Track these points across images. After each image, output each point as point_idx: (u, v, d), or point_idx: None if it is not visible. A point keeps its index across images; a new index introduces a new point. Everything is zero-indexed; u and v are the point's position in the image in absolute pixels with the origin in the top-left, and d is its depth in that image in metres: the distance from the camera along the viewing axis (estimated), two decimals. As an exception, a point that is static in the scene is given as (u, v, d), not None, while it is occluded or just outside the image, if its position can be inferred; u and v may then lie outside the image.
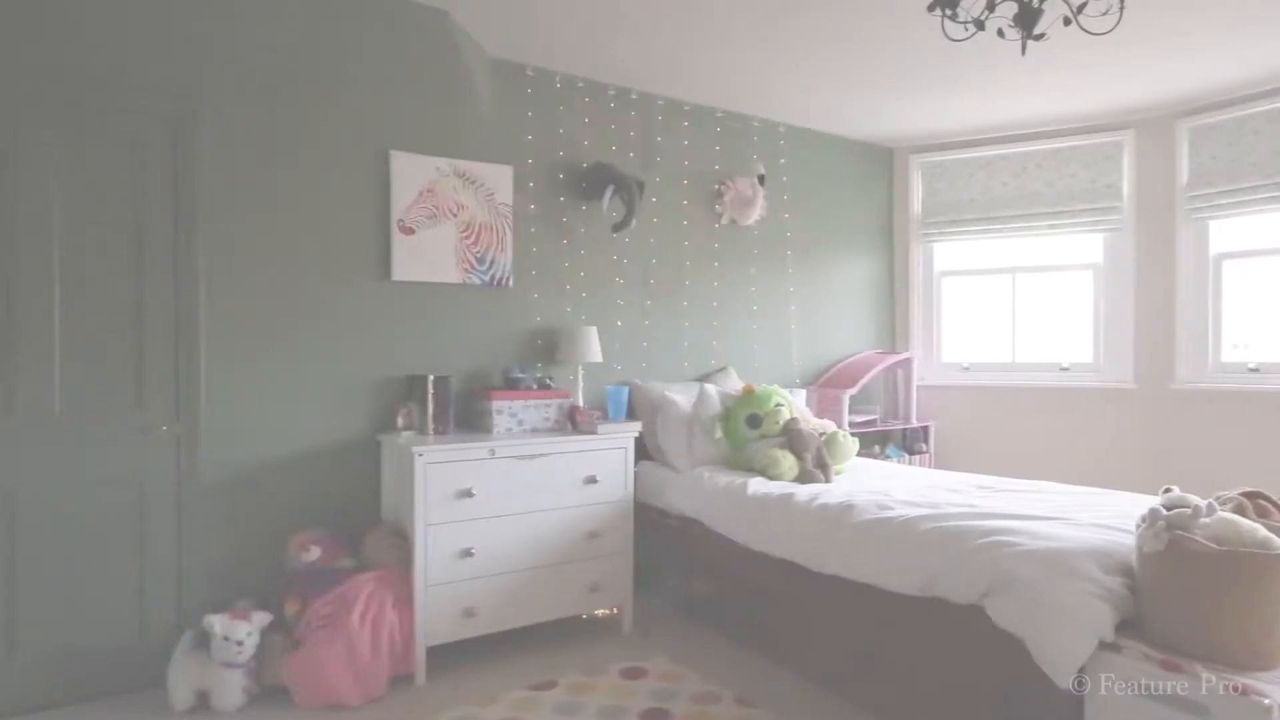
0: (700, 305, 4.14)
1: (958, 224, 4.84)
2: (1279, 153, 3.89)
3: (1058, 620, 1.90)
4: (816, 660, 2.80)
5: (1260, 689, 1.68)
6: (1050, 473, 4.50)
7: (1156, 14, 3.08)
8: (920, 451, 4.74)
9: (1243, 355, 4.16)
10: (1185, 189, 4.24)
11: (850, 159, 4.84)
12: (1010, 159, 4.71)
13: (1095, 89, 3.97)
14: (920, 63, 3.59)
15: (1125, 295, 4.46)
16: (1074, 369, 4.66)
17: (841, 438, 3.38)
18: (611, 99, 3.83)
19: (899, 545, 2.36)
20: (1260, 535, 1.81)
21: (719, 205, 4.19)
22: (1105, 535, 2.18)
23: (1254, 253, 4.11)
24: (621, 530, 3.27)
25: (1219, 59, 3.57)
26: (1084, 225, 4.53)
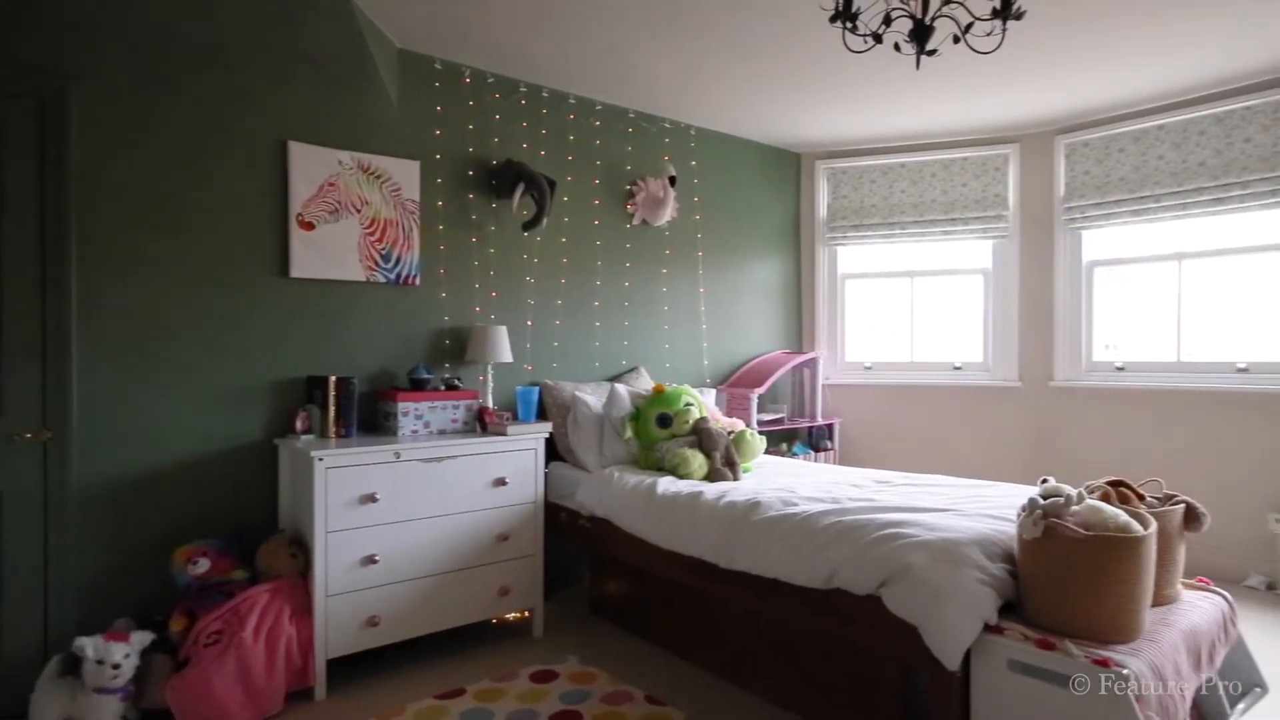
0: (612, 305, 4.15)
1: (860, 228, 5.03)
2: (1139, 170, 4.24)
3: (946, 606, 2.00)
4: (726, 655, 2.86)
5: (1120, 660, 1.82)
6: (945, 466, 4.77)
7: (1034, 40, 3.30)
8: (826, 448, 4.90)
9: (1111, 355, 4.50)
10: (1062, 201, 4.55)
11: (759, 163, 4.96)
12: (909, 167, 4.93)
13: (984, 105, 4.20)
14: (825, 73, 3.71)
15: (1011, 299, 4.75)
16: (966, 368, 4.92)
17: (749, 436, 3.45)
18: (522, 96, 3.79)
19: (803, 540, 2.43)
20: (1122, 520, 1.96)
21: (631, 206, 4.21)
22: (991, 525, 2.31)
23: (1121, 261, 4.45)
24: (532, 532, 3.23)
25: (1089, 84, 3.85)
26: (975, 232, 4.79)
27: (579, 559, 3.97)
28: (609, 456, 3.51)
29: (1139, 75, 3.77)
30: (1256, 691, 2.37)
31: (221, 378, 2.92)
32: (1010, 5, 2.02)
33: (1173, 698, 1.91)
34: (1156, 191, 4.17)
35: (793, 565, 2.42)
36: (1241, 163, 3.90)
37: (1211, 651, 2.18)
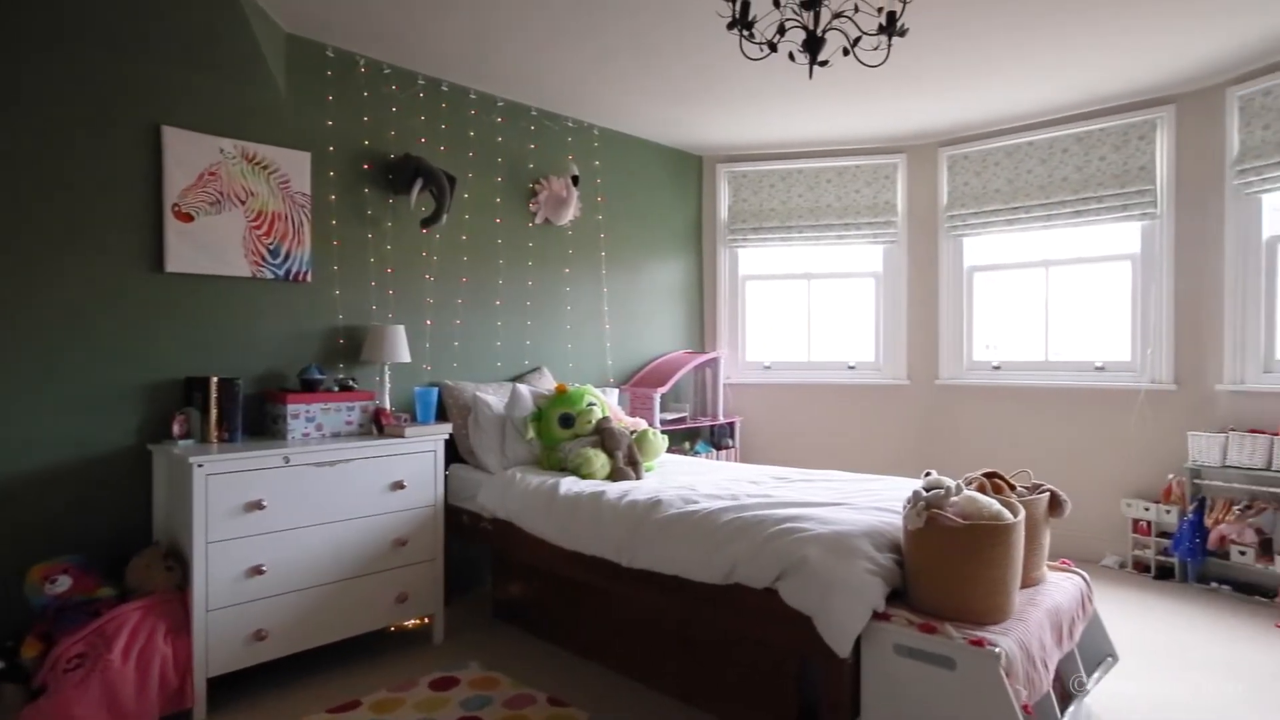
0: (514, 304, 4.10)
1: (760, 231, 5.17)
2: (1012, 183, 4.55)
3: (838, 596, 2.09)
4: (630, 653, 2.88)
5: (993, 639, 1.95)
6: (840, 461, 4.97)
7: (919, 57, 3.48)
8: (727, 447, 5.02)
9: (990, 355, 4.81)
10: (945, 209, 4.83)
11: (662, 164, 5.01)
12: (805, 173, 5.11)
13: (875, 116, 4.41)
14: (725, 78, 3.79)
15: (900, 301, 5.00)
16: (859, 367, 5.15)
17: (652, 435, 3.49)
18: (421, 89, 3.68)
19: (703, 537, 2.48)
20: (995, 509, 2.10)
21: (533, 204, 4.17)
22: (880, 517, 2.43)
23: (998, 266, 4.76)
24: (431, 536, 3.16)
25: (968, 101, 4.10)
26: (866, 237, 5.01)
27: (481, 562, 3.90)
28: (511, 457, 3.47)
29: (1011, 96, 4.05)
30: (1109, 661, 2.59)
31: (88, 379, 2.70)
32: (894, 23, 2.13)
33: (1038, 671, 2.07)
34: (1027, 203, 4.49)
35: (694, 562, 2.47)
36: (1097, 179, 4.25)
37: (1071, 627, 2.37)
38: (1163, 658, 2.95)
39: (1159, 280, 4.11)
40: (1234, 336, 3.84)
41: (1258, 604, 3.56)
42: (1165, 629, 3.25)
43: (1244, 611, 3.46)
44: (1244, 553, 3.58)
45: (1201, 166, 3.95)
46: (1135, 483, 4.18)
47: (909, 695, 2.07)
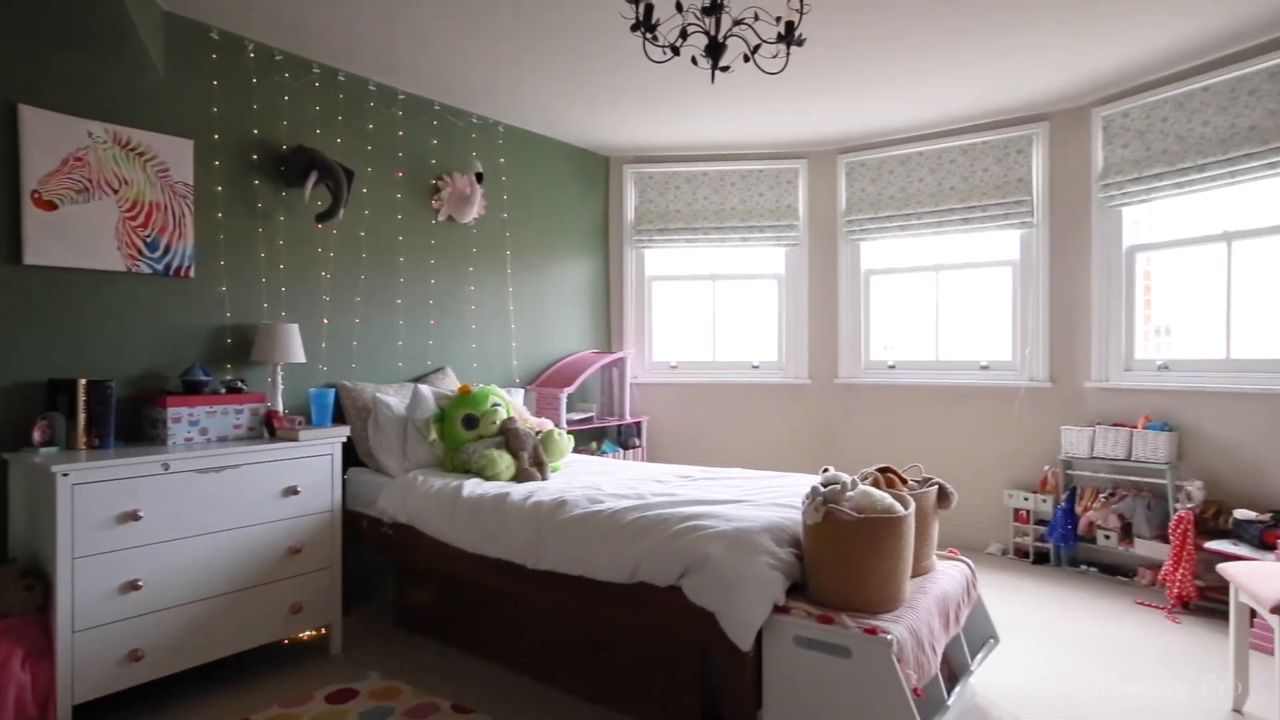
0: (416, 303, 3.99)
1: (666, 232, 5.22)
2: (905, 190, 4.77)
3: (740, 591, 2.13)
4: (536, 655, 2.85)
5: (885, 627, 2.04)
6: (744, 459, 5.08)
7: (817, 67, 3.60)
8: (634, 446, 5.04)
9: (886, 355, 5.03)
10: (844, 214, 5.01)
11: (569, 164, 4.99)
12: (711, 175, 5.20)
13: (777, 122, 4.53)
14: (632, 79, 3.81)
15: (801, 303, 5.15)
16: (763, 367, 5.28)
17: (557, 436, 3.47)
18: (316, 78, 3.53)
19: (608, 536, 2.48)
20: (888, 502, 2.20)
21: (436, 201, 4.07)
22: (780, 513, 2.49)
23: (893, 270, 4.98)
24: (328, 543, 3.03)
25: (863, 111, 4.27)
26: (769, 240, 5.14)
27: (382, 568, 3.77)
28: (413, 460, 3.37)
29: (903, 108, 4.25)
30: (991, 642, 2.75)
31: (-70, 382, 2.45)
32: (792, 32, 2.19)
33: (927, 655, 2.17)
34: (919, 210, 4.71)
35: (599, 561, 2.47)
36: (981, 189, 4.52)
37: (958, 612, 2.50)
38: (1038, 637, 3.16)
39: (1036, 285, 4.40)
40: (1100, 338, 4.16)
41: (1120, 583, 3.86)
42: (1041, 610, 3.48)
43: (1109, 591, 3.75)
44: (1108, 537, 3.89)
45: (1071, 180, 4.26)
46: (1016, 474, 4.46)
47: (808, 684, 2.13)
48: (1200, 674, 2.78)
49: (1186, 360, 3.85)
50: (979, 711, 2.51)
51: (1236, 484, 3.60)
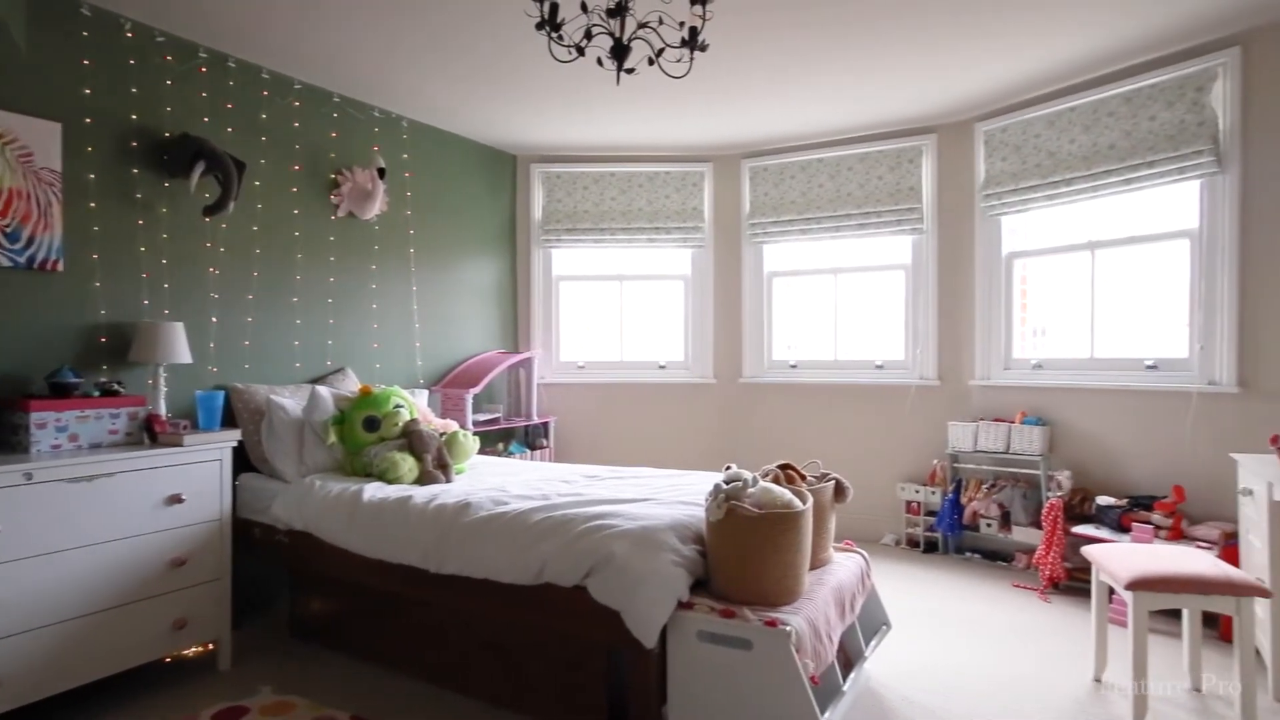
0: (314, 302, 3.83)
1: (574, 232, 5.22)
2: (806, 195, 4.94)
3: (645, 589, 2.16)
4: (440, 662, 2.79)
5: (784, 619, 2.11)
6: (651, 458, 5.13)
7: (722, 72, 3.69)
8: (542, 446, 5.01)
9: (788, 354, 5.19)
10: (748, 217, 5.14)
11: (475, 161, 4.91)
12: (618, 176, 5.22)
13: (684, 125, 4.60)
14: (539, 78, 3.78)
15: (707, 303, 5.25)
16: (670, 367, 5.35)
17: (462, 437, 3.41)
18: (203, 63, 3.34)
19: (513, 538, 2.46)
20: (787, 498, 2.27)
21: (335, 196, 3.93)
22: (684, 511, 2.54)
23: (795, 272, 5.15)
24: (216, 554, 2.87)
25: (766, 117, 4.40)
26: (676, 241, 5.22)
27: (277, 578, 3.61)
28: (310, 465, 3.24)
29: (804, 116, 4.40)
30: (884, 629, 2.89)
31: None
32: (696, 37, 2.23)
33: (824, 644, 2.26)
34: (818, 215, 4.89)
35: (504, 563, 2.44)
36: (876, 196, 4.73)
37: (853, 601, 2.62)
38: (927, 621, 3.34)
39: (926, 288, 4.65)
40: (982, 339, 4.43)
41: (1000, 568, 4.13)
42: (929, 596, 3.68)
43: (990, 575, 4.00)
44: (990, 525, 4.15)
45: (957, 189, 4.52)
46: (908, 468, 4.69)
47: (711, 678, 2.18)
48: (1067, 648, 3.01)
49: (1058, 359, 4.16)
50: (873, 695, 2.64)
51: (1100, 473, 3.91)
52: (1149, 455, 3.72)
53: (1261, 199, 3.33)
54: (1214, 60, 3.42)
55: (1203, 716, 2.48)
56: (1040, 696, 2.61)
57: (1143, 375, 3.77)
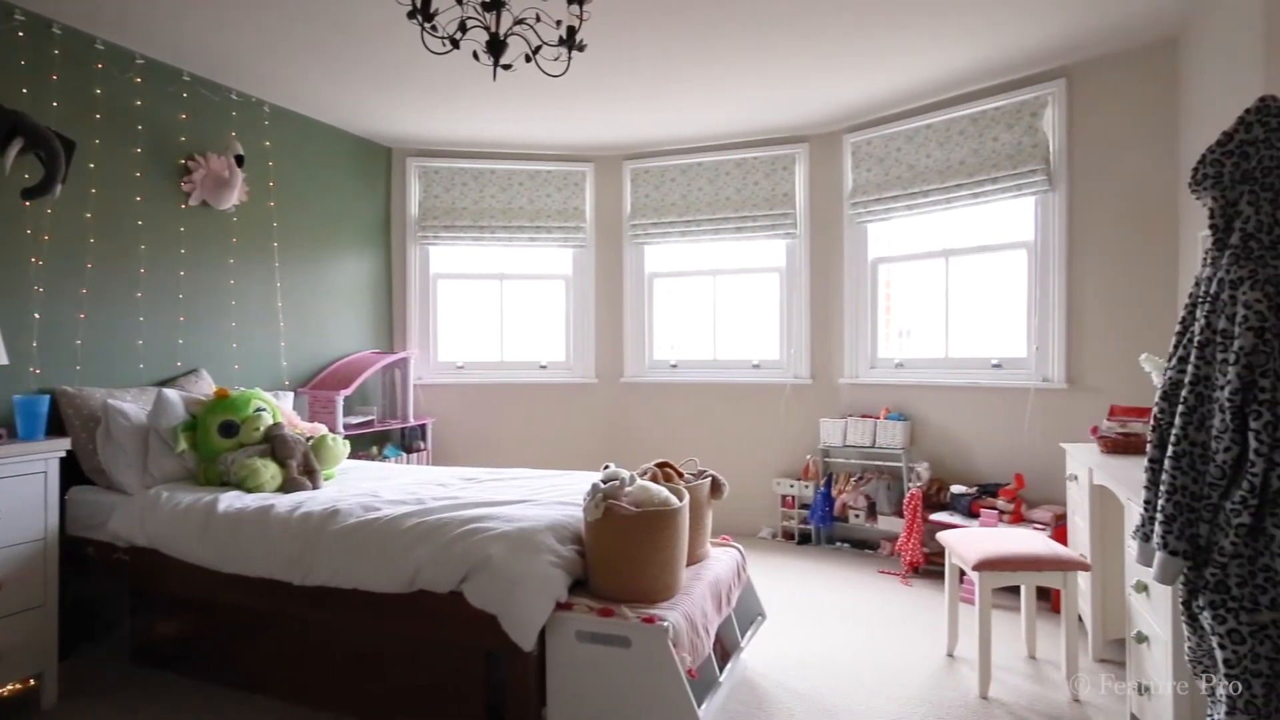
0: (162, 297, 3.53)
1: (452, 229, 5.08)
2: (686, 198, 5.04)
3: (522, 591, 2.13)
4: (307, 679, 2.63)
5: (662, 615, 2.14)
6: (533, 459, 5.07)
7: (602, 72, 3.69)
8: (419, 449, 4.84)
9: (669, 354, 5.27)
10: (629, 218, 5.18)
11: (347, 153, 4.68)
12: (499, 174, 5.13)
13: (566, 125, 4.57)
14: (415, 70, 3.65)
15: (589, 303, 5.25)
16: (551, 367, 5.30)
17: (331, 441, 3.24)
18: (20, 26, 2.99)
19: (384, 545, 2.36)
20: (664, 496, 2.30)
21: (187, 183, 3.63)
22: (563, 511, 2.52)
23: (676, 273, 5.23)
24: (38, 577, 2.58)
25: (648, 119, 4.45)
26: (557, 241, 5.18)
27: (116, 601, 3.29)
28: (156, 475, 2.98)
29: (684, 120, 4.48)
30: (759, 620, 2.99)
31: None
32: (574, 36, 2.22)
33: (701, 638, 2.31)
34: (698, 217, 4.99)
35: (375, 571, 2.34)
36: (753, 200, 4.89)
37: (729, 594, 2.68)
38: (800, 610, 3.47)
39: (799, 291, 4.85)
40: (851, 339, 4.67)
41: (867, 555, 4.37)
42: (803, 586, 3.84)
43: (858, 563, 4.22)
44: (858, 515, 4.37)
45: (827, 197, 4.74)
46: (783, 464, 4.87)
47: (591, 678, 2.18)
48: (925, 627, 3.22)
49: (917, 359, 4.44)
50: (748, 684, 2.71)
51: (953, 464, 4.21)
52: (994, 446, 4.03)
53: (1085, 215, 3.69)
54: (1044, 89, 3.76)
55: (1036, 680, 2.72)
56: (900, 674, 2.77)
57: (989, 373, 4.09)
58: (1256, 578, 1.41)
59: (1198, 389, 1.53)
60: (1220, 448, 1.46)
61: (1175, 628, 1.89)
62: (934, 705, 2.54)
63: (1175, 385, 1.61)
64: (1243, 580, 1.42)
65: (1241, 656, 1.42)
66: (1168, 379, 1.63)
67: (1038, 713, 2.49)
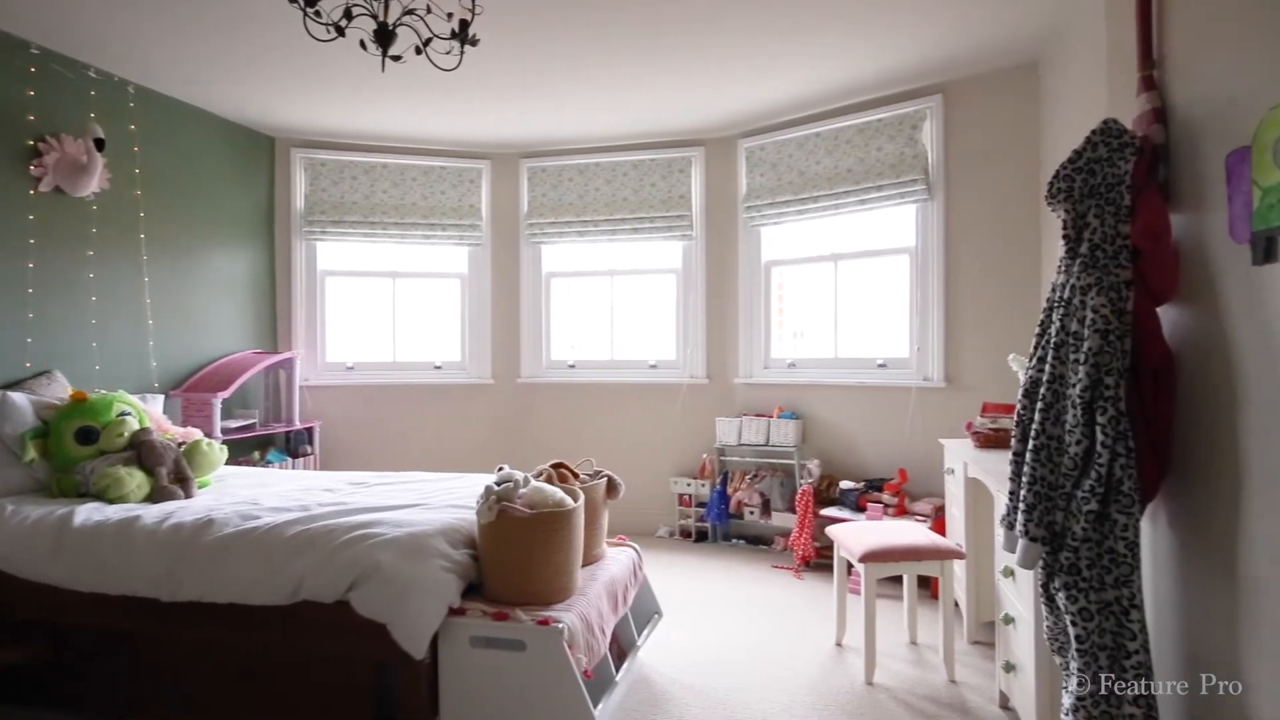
0: (6, 291, 3.21)
1: (341, 225, 4.87)
2: (583, 198, 5.03)
3: (412, 598, 2.07)
4: (180, 703, 2.44)
5: (557, 617, 2.12)
6: (428, 463, 4.93)
7: (496, 69, 3.63)
8: (305, 453, 4.62)
9: (567, 354, 5.24)
10: (525, 217, 5.13)
11: (225, 141, 4.41)
12: (390, 168, 4.96)
13: (461, 121, 4.48)
14: (299, 54, 3.47)
15: (485, 303, 5.15)
16: (446, 367, 5.18)
17: (205, 447, 3.05)
18: None
19: (265, 555, 2.24)
20: (559, 497, 2.29)
21: (36, 167, 3.32)
22: (456, 514, 2.46)
23: (574, 274, 5.21)
24: None
25: (545, 118, 4.41)
26: (452, 239, 5.06)
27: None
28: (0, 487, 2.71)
29: (581, 120, 4.47)
30: (656, 618, 3.02)
31: None
32: (466, 30, 2.17)
33: (597, 638, 2.31)
34: (594, 218, 4.99)
35: (254, 584, 2.22)
36: (649, 202, 4.93)
37: (625, 594, 2.70)
38: (696, 606, 3.53)
39: (695, 292, 4.93)
40: (745, 340, 4.79)
41: (761, 551, 4.49)
42: (699, 582, 3.90)
43: (753, 559, 4.33)
44: (753, 512, 4.49)
45: (722, 200, 4.85)
46: (680, 462, 4.94)
47: (485, 683, 2.14)
48: (816, 618, 3.34)
49: (809, 359, 4.61)
50: (645, 682, 2.73)
51: (843, 460, 4.39)
52: (880, 442, 4.23)
53: (960, 224, 3.94)
54: (923, 104, 3.98)
55: (917, 665, 2.87)
56: (792, 664, 2.87)
57: (875, 373, 4.29)
58: (1103, 559, 1.54)
59: (1054, 387, 1.65)
60: (1072, 441, 1.59)
61: (1037, 609, 2.04)
62: (822, 693, 2.63)
63: (1035, 383, 1.73)
64: (1091, 562, 1.55)
65: (1090, 632, 1.54)
66: (1028, 377, 1.76)
67: (918, 695, 2.62)
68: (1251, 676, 1.35)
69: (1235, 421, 1.39)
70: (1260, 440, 1.32)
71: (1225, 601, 1.42)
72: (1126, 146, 1.60)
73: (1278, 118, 1.22)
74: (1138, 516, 1.53)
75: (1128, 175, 1.59)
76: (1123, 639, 1.52)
